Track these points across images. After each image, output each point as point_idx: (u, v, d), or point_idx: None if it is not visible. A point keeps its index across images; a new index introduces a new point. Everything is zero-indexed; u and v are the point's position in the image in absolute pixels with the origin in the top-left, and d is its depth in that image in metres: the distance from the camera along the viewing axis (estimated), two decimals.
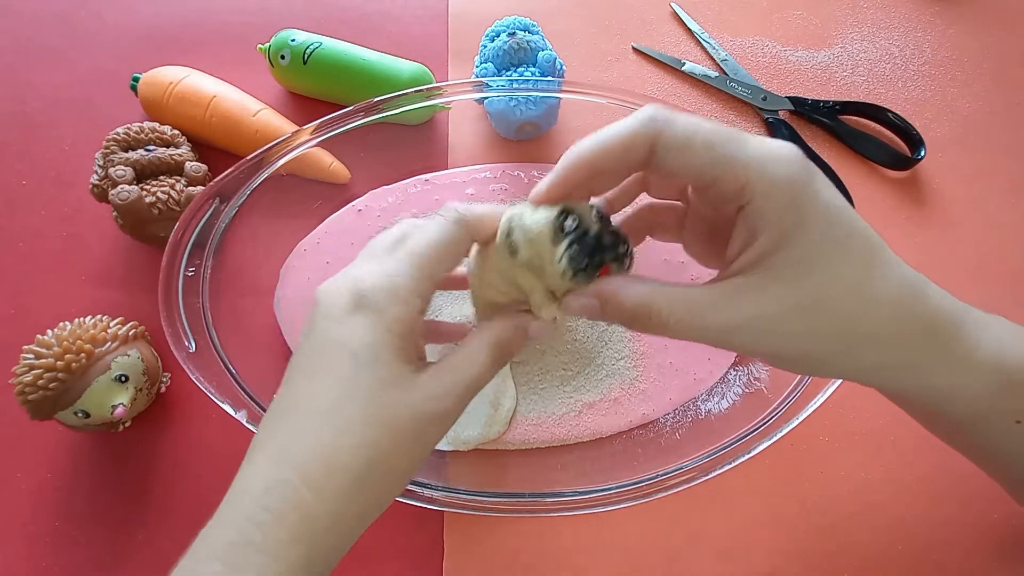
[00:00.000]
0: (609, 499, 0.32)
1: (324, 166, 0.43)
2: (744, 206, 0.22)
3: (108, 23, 0.52)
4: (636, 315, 0.23)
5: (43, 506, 0.37)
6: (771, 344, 0.23)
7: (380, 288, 0.23)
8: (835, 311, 0.22)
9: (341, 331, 0.23)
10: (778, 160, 0.22)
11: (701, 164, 0.22)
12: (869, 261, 0.23)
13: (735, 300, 0.22)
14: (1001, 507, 0.38)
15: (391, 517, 0.37)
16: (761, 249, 0.22)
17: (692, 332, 0.23)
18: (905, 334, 0.23)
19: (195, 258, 0.35)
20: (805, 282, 0.22)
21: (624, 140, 0.23)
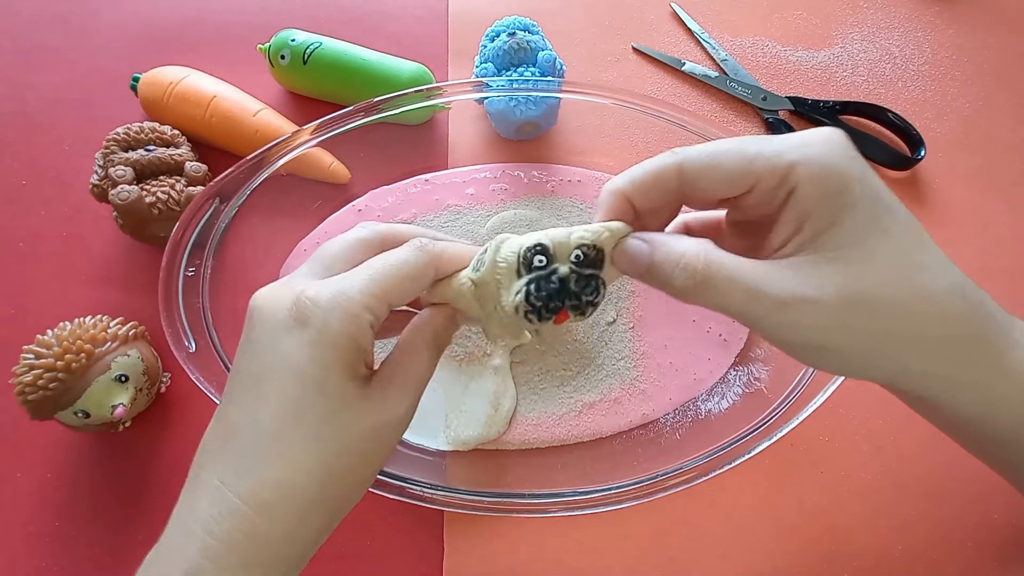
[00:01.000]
0: (609, 499, 0.32)
1: (324, 166, 0.43)
2: (789, 195, 0.21)
3: (108, 23, 0.52)
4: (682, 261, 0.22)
5: (43, 506, 0.37)
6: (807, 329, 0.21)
7: (327, 302, 0.22)
8: (883, 301, 0.21)
9: (284, 347, 0.22)
10: (820, 143, 0.21)
11: (734, 170, 0.22)
12: (917, 250, 0.22)
13: (781, 273, 0.21)
14: (1002, 507, 0.38)
15: (391, 517, 0.37)
16: (809, 234, 0.21)
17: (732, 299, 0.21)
18: (949, 340, 0.22)
19: (195, 258, 0.35)
20: (854, 267, 0.21)
21: (652, 170, 0.23)
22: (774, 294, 0.21)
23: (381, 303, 0.23)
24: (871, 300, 0.21)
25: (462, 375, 0.39)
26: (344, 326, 0.22)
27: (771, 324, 0.22)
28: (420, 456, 0.37)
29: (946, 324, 0.22)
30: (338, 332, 0.22)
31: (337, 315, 0.22)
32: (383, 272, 0.23)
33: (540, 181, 0.45)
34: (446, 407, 0.38)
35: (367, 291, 0.23)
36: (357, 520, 0.37)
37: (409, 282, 0.24)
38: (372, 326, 0.23)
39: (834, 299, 0.21)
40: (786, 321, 0.21)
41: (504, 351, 0.39)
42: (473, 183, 0.45)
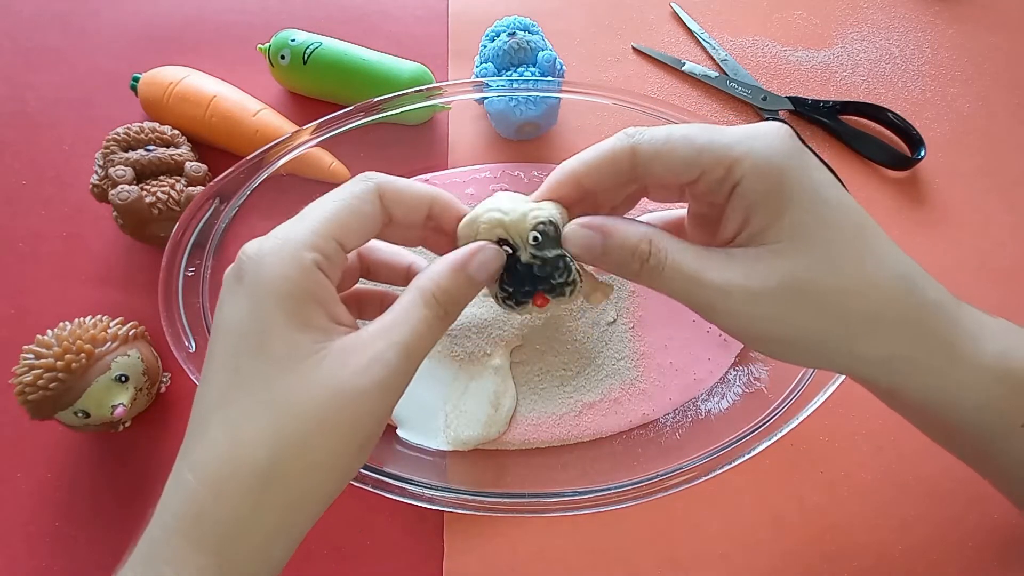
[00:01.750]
0: (609, 499, 0.32)
1: (324, 166, 0.43)
2: (734, 188, 0.22)
3: (108, 23, 0.52)
4: (636, 250, 0.22)
5: (43, 506, 0.37)
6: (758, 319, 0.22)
7: (260, 251, 0.20)
8: (825, 289, 0.21)
9: (225, 308, 0.21)
10: (764, 136, 0.22)
11: (684, 159, 0.22)
12: (860, 240, 0.22)
13: (730, 262, 0.22)
14: (1002, 508, 0.37)
15: (391, 517, 0.37)
16: (755, 226, 0.22)
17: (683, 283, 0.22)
18: (899, 324, 0.22)
19: (195, 258, 0.35)
20: (796, 257, 0.21)
21: (604, 155, 0.23)
22: (716, 282, 0.22)
23: (325, 239, 0.21)
24: (813, 290, 0.21)
25: (462, 375, 0.39)
26: (281, 270, 0.20)
27: (717, 312, 0.22)
28: (420, 456, 0.37)
29: (891, 310, 0.22)
30: (274, 277, 0.20)
31: (271, 260, 0.20)
32: (322, 208, 0.22)
33: (540, 181, 0.44)
34: (446, 407, 0.38)
35: (306, 229, 0.21)
36: (357, 520, 0.37)
37: (353, 215, 0.22)
38: (320, 266, 0.21)
39: (776, 290, 0.21)
40: (731, 310, 0.22)
41: (504, 351, 0.39)
42: (473, 183, 0.45)
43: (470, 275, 0.23)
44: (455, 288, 0.22)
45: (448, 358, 0.39)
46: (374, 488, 0.32)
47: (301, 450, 0.19)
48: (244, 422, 0.19)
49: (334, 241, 0.21)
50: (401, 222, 0.24)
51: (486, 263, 0.23)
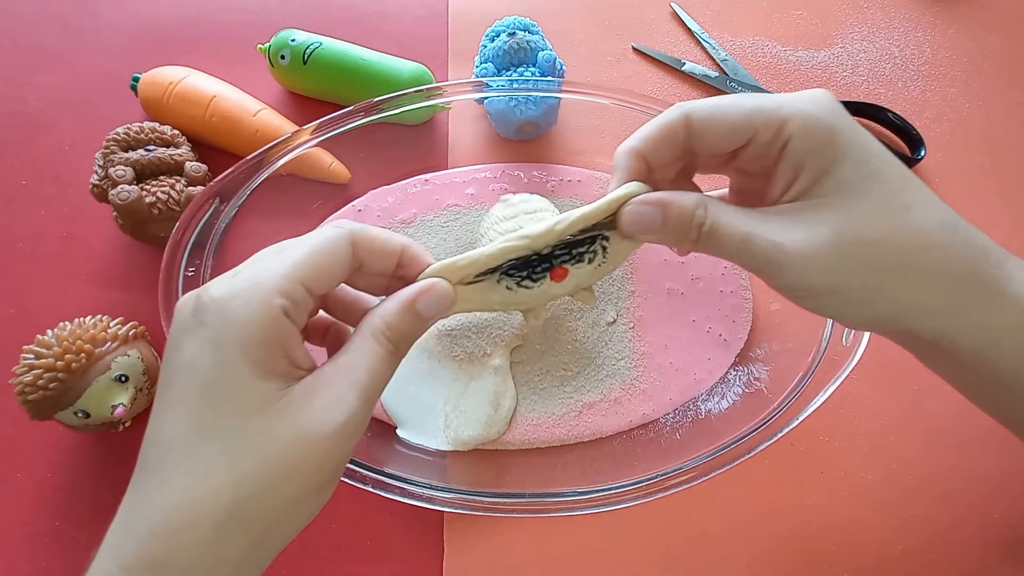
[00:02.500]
0: (609, 499, 0.32)
1: (324, 166, 0.43)
2: (784, 147, 0.23)
3: (108, 23, 0.52)
4: (694, 218, 0.23)
5: (43, 506, 0.37)
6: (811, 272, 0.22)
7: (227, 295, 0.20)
8: (876, 238, 0.22)
9: (186, 351, 0.20)
10: (810, 99, 0.23)
11: (736, 123, 0.23)
12: (906, 191, 0.23)
13: (782, 218, 0.23)
14: (1001, 506, 0.38)
15: (391, 517, 0.37)
16: (804, 184, 0.23)
17: (739, 244, 0.23)
18: (948, 271, 0.23)
19: (195, 258, 0.35)
20: (847, 208, 0.22)
21: (660, 128, 0.24)
22: (770, 238, 0.22)
23: (294, 284, 0.21)
24: (864, 238, 0.22)
25: (462, 375, 0.39)
26: (248, 315, 0.20)
27: (773, 266, 0.23)
28: (420, 456, 0.37)
29: (940, 257, 0.22)
30: (240, 322, 0.19)
31: (239, 306, 0.20)
32: (293, 252, 0.21)
33: (540, 181, 0.45)
34: (446, 407, 0.38)
35: (276, 275, 0.20)
36: (357, 520, 0.37)
37: (324, 260, 0.22)
38: (287, 312, 0.20)
39: (828, 239, 0.22)
40: (786, 263, 0.22)
41: (504, 351, 0.39)
42: (473, 183, 0.45)
43: (418, 312, 0.23)
44: (405, 325, 0.23)
45: (448, 358, 0.39)
46: (374, 488, 0.32)
47: (264, 496, 0.19)
48: (205, 471, 0.19)
49: (302, 287, 0.21)
50: (371, 270, 0.24)
51: (434, 301, 0.24)
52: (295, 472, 0.20)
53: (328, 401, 0.20)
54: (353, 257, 0.23)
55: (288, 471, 0.19)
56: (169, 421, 0.20)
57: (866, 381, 0.39)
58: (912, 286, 0.22)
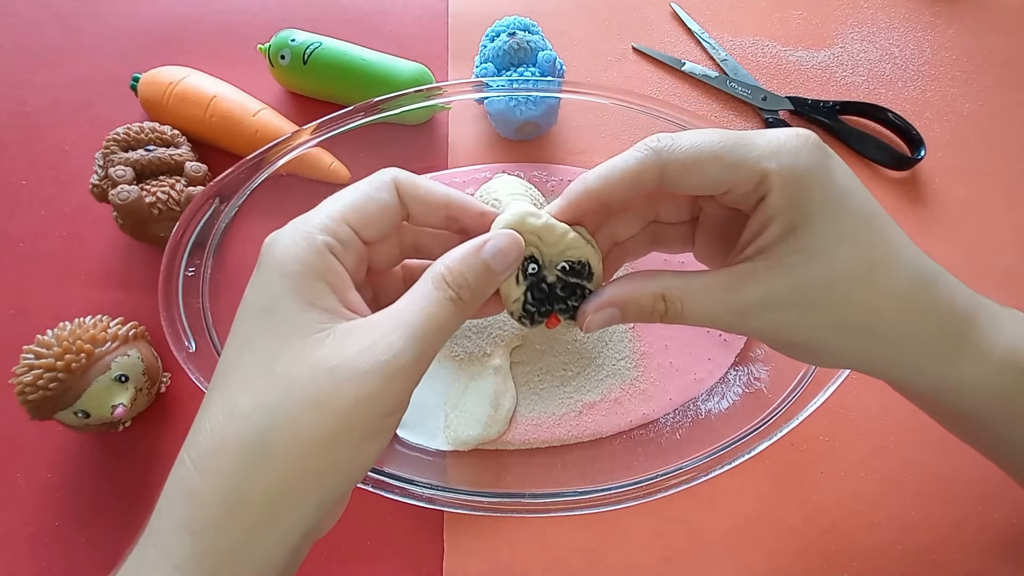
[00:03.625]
0: (609, 499, 0.32)
1: (324, 166, 0.43)
2: (762, 199, 0.22)
3: (108, 23, 0.52)
4: (654, 310, 0.23)
5: (43, 506, 0.37)
6: (775, 329, 0.23)
7: (278, 236, 0.21)
8: (837, 299, 0.22)
9: (247, 292, 0.21)
10: (791, 150, 0.22)
11: (714, 177, 0.22)
12: (875, 250, 0.23)
13: (741, 283, 0.23)
14: (1002, 507, 0.38)
15: (391, 517, 0.37)
16: (770, 237, 0.22)
17: (704, 318, 0.23)
18: (913, 331, 0.23)
19: (195, 258, 0.35)
20: (808, 267, 0.22)
21: (631, 172, 0.23)
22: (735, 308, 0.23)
23: (338, 224, 0.21)
24: (827, 298, 0.22)
25: (462, 375, 0.39)
26: (292, 249, 0.20)
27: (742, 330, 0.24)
28: (420, 456, 0.37)
29: (904, 313, 0.23)
30: (284, 255, 0.20)
31: (283, 240, 0.21)
32: (339, 197, 0.22)
33: (540, 181, 0.45)
34: (446, 407, 0.38)
35: (321, 214, 0.21)
36: (357, 520, 0.37)
37: (368, 203, 0.22)
38: (332, 250, 0.21)
39: (796, 301, 0.22)
40: (752, 328, 0.23)
41: (504, 351, 0.39)
42: (473, 183, 0.45)
43: (484, 260, 0.22)
44: (468, 271, 0.21)
45: (448, 358, 0.39)
46: (374, 488, 0.32)
47: (291, 427, 0.18)
48: (239, 394, 0.19)
49: (348, 227, 0.21)
50: (419, 220, 0.24)
51: (501, 248, 0.22)
52: (325, 406, 0.18)
53: (370, 340, 0.19)
54: (399, 201, 0.23)
55: (318, 403, 0.18)
56: (223, 354, 0.20)
57: (866, 381, 0.38)
58: (875, 343, 0.23)
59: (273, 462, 0.18)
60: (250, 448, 0.18)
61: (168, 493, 0.19)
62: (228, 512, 0.18)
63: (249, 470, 0.18)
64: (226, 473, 0.18)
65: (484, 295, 0.22)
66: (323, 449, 0.19)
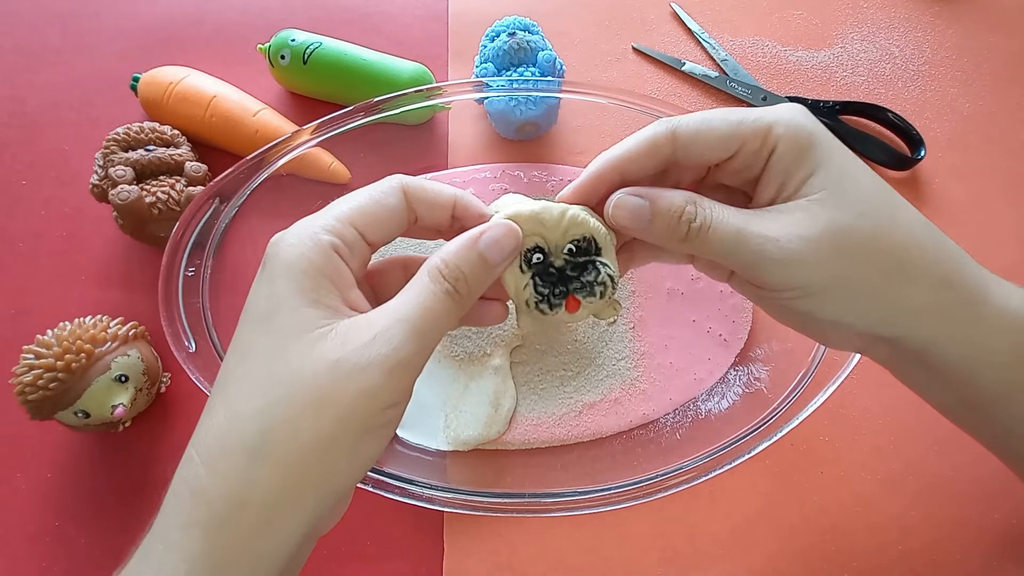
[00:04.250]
0: (609, 499, 0.32)
1: (324, 166, 0.43)
2: (771, 154, 0.23)
3: (108, 23, 0.52)
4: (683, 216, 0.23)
5: (43, 506, 0.37)
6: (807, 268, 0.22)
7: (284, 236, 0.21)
8: (869, 233, 0.22)
9: (251, 293, 0.21)
10: (790, 110, 0.24)
11: (723, 135, 0.23)
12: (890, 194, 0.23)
13: (774, 218, 0.23)
14: (1002, 507, 0.38)
15: (391, 517, 0.37)
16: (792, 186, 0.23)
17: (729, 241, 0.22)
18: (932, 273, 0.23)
19: (195, 258, 0.35)
20: (838, 205, 0.22)
21: (647, 139, 0.24)
22: (763, 232, 0.22)
23: (344, 225, 0.21)
24: (856, 236, 0.22)
25: (462, 375, 0.39)
26: (297, 249, 0.20)
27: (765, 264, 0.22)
28: (420, 456, 0.37)
29: (928, 257, 0.23)
30: (290, 255, 0.20)
31: (289, 240, 0.21)
32: (347, 199, 0.22)
33: (540, 181, 0.45)
34: (446, 407, 0.38)
35: (327, 215, 0.21)
36: (357, 520, 0.37)
37: (376, 206, 0.22)
38: (337, 250, 0.21)
39: (822, 235, 0.22)
40: (779, 258, 0.22)
41: (504, 351, 0.39)
42: (473, 183, 0.45)
43: (480, 251, 0.22)
44: (464, 263, 0.22)
45: (448, 358, 0.39)
46: (374, 488, 0.32)
47: (292, 426, 0.19)
48: (241, 395, 0.19)
49: (353, 229, 0.22)
50: (426, 222, 0.24)
51: (497, 238, 0.22)
52: (327, 404, 0.19)
53: (370, 335, 0.19)
54: (407, 206, 0.23)
55: (320, 401, 0.19)
56: (227, 355, 0.21)
57: (866, 381, 0.39)
58: (903, 284, 0.23)
59: (273, 463, 0.19)
60: (252, 449, 0.18)
61: (175, 491, 0.20)
62: (232, 511, 0.18)
63: (251, 471, 0.18)
64: (230, 474, 0.19)
65: (482, 287, 0.23)
66: (323, 447, 0.19)
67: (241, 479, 0.18)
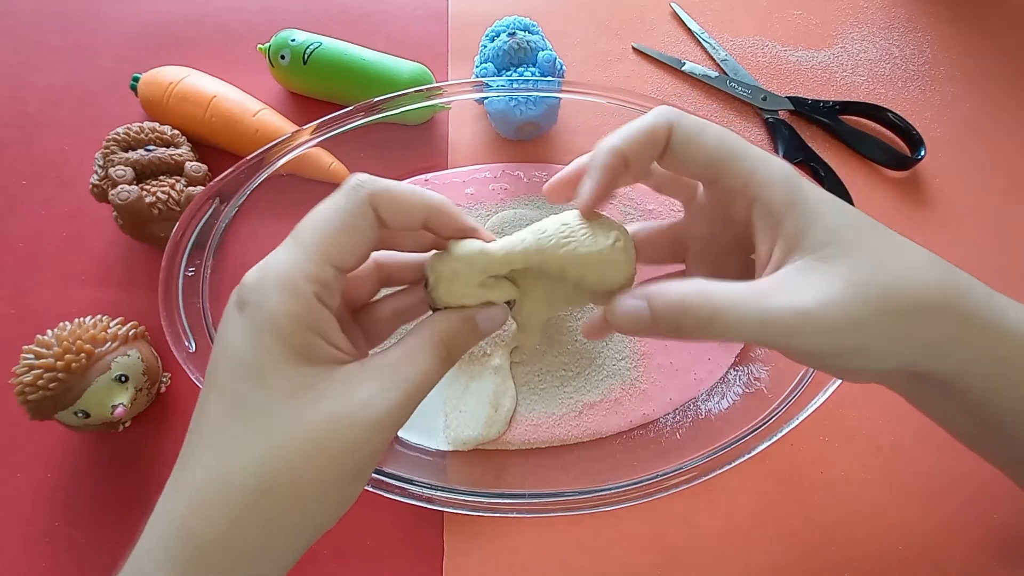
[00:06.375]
0: (609, 499, 0.32)
1: (324, 166, 0.43)
2: (755, 202, 0.22)
3: (108, 23, 0.52)
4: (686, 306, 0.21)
5: (43, 506, 0.37)
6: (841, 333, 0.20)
7: (261, 281, 0.20)
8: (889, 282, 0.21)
9: (228, 334, 0.20)
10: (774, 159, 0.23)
11: (711, 153, 0.23)
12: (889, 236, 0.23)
13: (788, 286, 0.21)
14: (1001, 507, 0.38)
15: (391, 517, 0.37)
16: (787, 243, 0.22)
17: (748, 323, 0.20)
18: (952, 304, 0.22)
19: (195, 258, 0.35)
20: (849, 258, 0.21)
21: (646, 131, 0.23)
22: (787, 306, 0.20)
23: (322, 268, 0.21)
24: (878, 284, 0.21)
25: (462, 375, 0.39)
26: (282, 305, 0.20)
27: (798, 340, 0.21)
28: (420, 456, 0.37)
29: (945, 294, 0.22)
30: (275, 312, 0.20)
31: (271, 293, 0.20)
32: (313, 230, 0.21)
33: (540, 181, 0.45)
34: (446, 407, 0.38)
35: (303, 258, 0.20)
36: (357, 520, 0.37)
37: (347, 234, 0.21)
38: (320, 297, 0.21)
39: (846, 291, 0.20)
40: (811, 329, 0.20)
41: (504, 351, 0.39)
42: (473, 183, 0.45)
43: (479, 327, 0.24)
44: (461, 336, 0.23)
45: None
46: (374, 488, 0.32)
47: (291, 475, 0.19)
48: (236, 446, 0.20)
49: (331, 268, 0.21)
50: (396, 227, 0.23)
51: (494, 317, 0.24)
52: (325, 454, 0.20)
53: (372, 391, 0.21)
54: (375, 222, 0.22)
55: (318, 452, 0.20)
56: (209, 403, 0.20)
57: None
58: (925, 324, 0.22)
59: (272, 507, 0.19)
60: (250, 498, 0.19)
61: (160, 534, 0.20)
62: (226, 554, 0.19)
63: (248, 515, 0.19)
64: (225, 518, 0.19)
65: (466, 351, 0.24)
66: (320, 491, 0.20)
67: (237, 523, 0.19)
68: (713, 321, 0.21)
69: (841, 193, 0.46)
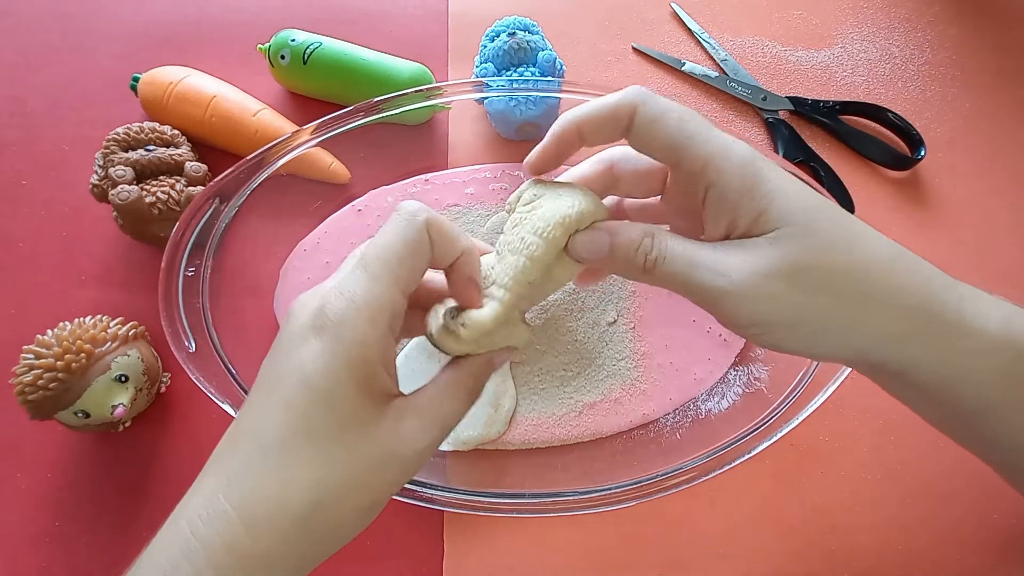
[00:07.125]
0: (609, 499, 0.32)
1: (324, 166, 0.43)
2: (709, 188, 0.23)
3: (108, 23, 0.52)
4: (640, 247, 0.23)
5: (43, 506, 0.37)
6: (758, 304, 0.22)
7: (342, 311, 0.21)
8: (830, 269, 0.22)
9: (299, 354, 0.21)
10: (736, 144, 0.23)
11: (670, 137, 0.23)
12: (849, 222, 0.23)
13: (729, 251, 0.23)
14: (1001, 507, 0.38)
15: (391, 517, 0.37)
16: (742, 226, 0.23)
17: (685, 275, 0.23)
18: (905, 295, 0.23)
19: (195, 258, 0.35)
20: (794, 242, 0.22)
21: (609, 108, 0.24)
22: (720, 268, 0.22)
23: (394, 296, 0.22)
24: (818, 270, 0.22)
25: None
26: (361, 335, 0.21)
27: (724, 297, 0.22)
28: None
29: (895, 284, 0.23)
30: (354, 343, 0.21)
31: (352, 323, 0.21)
32: (383, 259, 0.22)
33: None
34: None
35: (378, 287, 0.21)
36: None
37: (413, 260, 0.22)
38: (392, 328, 0.22)
39: (781, 271, 0.22)
40: (738, 294, 0.22)
41: None
42: (473, 183, 0.45)
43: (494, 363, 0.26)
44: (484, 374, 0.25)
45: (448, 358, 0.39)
46: None
47: (336, 503, 0.21)
48: (296, 469, 0.21)
49: (401, 296, 0.22)
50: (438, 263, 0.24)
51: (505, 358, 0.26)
52: (372, 484, 0.22)
53: (416, 428, 0.22)
54: (431, 251, 0.23)
55: (367, 482, 0.21)
56: (272, 416, 0.21)
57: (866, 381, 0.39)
58: (871, 313, 0.22)
59: (316, 533, 0.21)
60: (301, 520, 0.20)
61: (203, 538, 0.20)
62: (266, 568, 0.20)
63: (295, 537, 0.20)
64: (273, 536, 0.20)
65: None
66: (355, 519, 0.22)
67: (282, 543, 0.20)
68: (657, 262, 0.23)
69: (841, 193, 0.46)
